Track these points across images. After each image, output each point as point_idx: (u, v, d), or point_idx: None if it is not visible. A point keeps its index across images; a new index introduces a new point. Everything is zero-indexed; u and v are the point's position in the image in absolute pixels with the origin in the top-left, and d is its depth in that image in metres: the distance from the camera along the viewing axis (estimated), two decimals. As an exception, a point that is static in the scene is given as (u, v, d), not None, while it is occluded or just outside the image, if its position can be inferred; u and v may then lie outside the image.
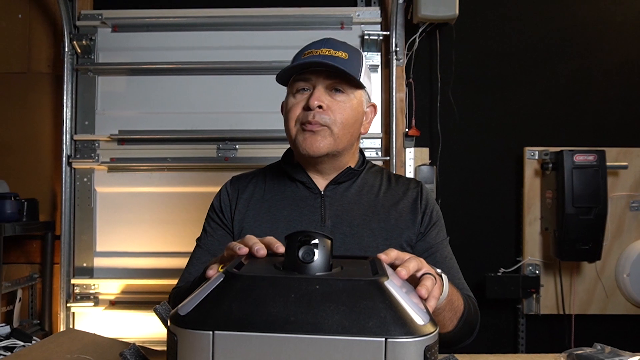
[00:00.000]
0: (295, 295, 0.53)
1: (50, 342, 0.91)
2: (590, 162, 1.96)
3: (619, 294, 2.10)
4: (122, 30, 2.19)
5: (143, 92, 2.18)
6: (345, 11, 2.17)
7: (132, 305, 2.13)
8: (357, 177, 1.12)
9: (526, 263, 2.13)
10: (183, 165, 2.14)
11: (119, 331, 2.09)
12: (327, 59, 1.00)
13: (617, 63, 2.21)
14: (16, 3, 2.24)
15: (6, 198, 1.94)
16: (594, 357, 0.91)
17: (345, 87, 1.04)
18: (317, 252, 0.59)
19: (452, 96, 2.16)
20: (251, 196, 1.11)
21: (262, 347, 0.50)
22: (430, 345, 0.51)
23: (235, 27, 2.18)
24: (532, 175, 2.14)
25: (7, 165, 2.20)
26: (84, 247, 2.16)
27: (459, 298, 0.91)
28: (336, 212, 1.07)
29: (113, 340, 0.95)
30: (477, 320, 1.02)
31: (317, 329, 0.50)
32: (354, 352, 0.49)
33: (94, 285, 2.14)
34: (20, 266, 2.20)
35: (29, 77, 2.24)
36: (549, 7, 2.22)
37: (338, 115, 1.02)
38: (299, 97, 1.04)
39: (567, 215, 1.94)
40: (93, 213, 2.17)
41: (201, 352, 0.50)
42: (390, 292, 0.54)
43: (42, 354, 0.84)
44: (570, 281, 2.10)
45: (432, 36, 2.17)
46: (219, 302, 0.53)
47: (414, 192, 1.12)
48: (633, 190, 2.11)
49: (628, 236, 2.11)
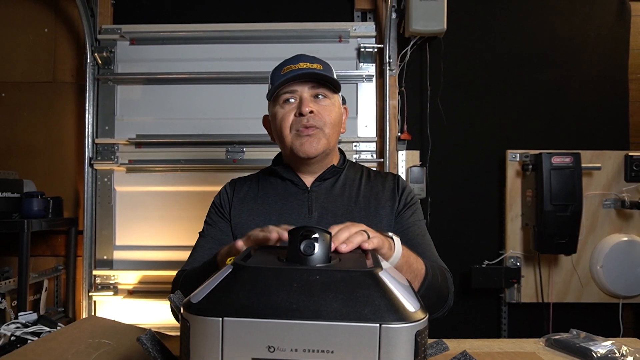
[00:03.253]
0: (297, 285, 0.53)
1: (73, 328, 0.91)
2: (567, 163, 1.96)
3: (593, 284, 2.10)
4: (140, 43, 2.19)
5: (158, 99, 2.18)
6: (342, 26, 2.17)
7: (149, 294, 2.13)
8: (340, 173, 1.14)
9: (508, 256, 2.13)
10: (195, 166, 2.15)
11: (137, 318, 2.10)
12: (305, 71, 1.04)
13: (592, 74, 2.21)
14: (43, 18, 2.24)
15: (33, 196, 1.94)
16: (570, 341, 0.91)
17: (327, 92, 1.07)
18: (317, 246, 0.59)
19: (441, 103, 2.16)
20: (246, 195, 1.14)
21: (267, 332, 0.50)
22: (420, 330, 0.51)
23: (242, 40, 2.18)
24: (513, 175, 2.14)
25: (34, 167, 2.20)
26: (105, 241, 2.16)
27: (418, 261, 0.91)
28: (322, 204, 1.09)
29: (131, 326, 0.95)
30: (449, 290, 1.01)
31: (318, 316, 0.50)
32: (351, 337, 0.49)
33: (114, 276, 2.14)
34: (46, 259, 2.20)
35: (54, 86, 2.24)
36: (529, 23, 2.22)
37: (327, 117, 1.06)
38: (287, 107, 1.06)
39: (545, 212, 1.94)
40: (113, 210, 2.17)
41: (211, 337, 0.50)
42: (384, 282, 0.54)
43: (66, 339, 0.84)
44: (549, 272, 2.10)
45: (422, 49, 2.17)
46: (227, 291, 0.53)
47: (392, 183, 1.14)
48: (606, 190, 2.11)
49: (601, 231, 2.11)
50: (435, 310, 0.99)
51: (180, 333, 0.54)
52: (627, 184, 2.10)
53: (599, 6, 2.22)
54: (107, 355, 0.78)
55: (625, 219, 2.11)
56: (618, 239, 2.07)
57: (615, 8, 2.22)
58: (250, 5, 2.24)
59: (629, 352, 0.87)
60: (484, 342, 0.96)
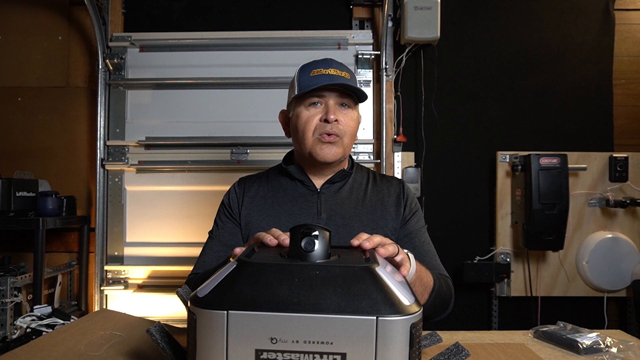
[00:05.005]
0: (298, 280, 0.53)
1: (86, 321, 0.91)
2: (554, 164, 1.95)
3: (579, 279, 2.10)
4: (149, 50, 2.19)
5: (166, 103, 2.18)
6: (341, 34, 2.17)
7: (157, 288, 2.13)
8: (348, 177, 1.12)
9: (498, 252, 2.13)
10: (201, 167, 2.14)
11: (146, 311, 2.09)
12: (336, 78, 1.01)
13: (577, 78, 2.21)
14: (57, 27, 2.24)
15: (48, 195, 1.94)
16: (557, 333, 0.91)
17: (351, 102, 1.06)
18: (317, 243, 0.59)
19: (435, 107, 2.16)
20: (256, 194, 1.11)
21: (270, 325, 0.50)
22: (415, 323, 0.51)
23: (246, 47, 2.18)
24: (503, 175, 2.14)
25: (49, 167, 2.20)
26: (116, 238, 2.16)
27: (428, 275, 0.92)
28: (330, 206, 1.07)
29: (141, 319, 0.95)
30: (451, 297, 1.02)
31: (318, 309, 0.50)
32: (349, 329, 0.49)
33: (124, 271, 2.14)
34: (60, 255, 2.20)
35: (67, 91, 2.24)
36: (518, 31, 2.22)
37: (348, 128, 1.04)
38: (312, 110, 1.04)
39: (534, 211, 1.94)
40: (123, 208, 2.17)
41: (217, 329, 0.50)
42: (381, 277, 0.54)
43: (79, 331, 0.84)
44: (537, 267, 2.10)
45: (417, 55, 2.17)
46: (232, 286, 0.53)
47: (397, 188, 1.13)
48: (591, 189, 2.11)
49: (587, 228, 2.11)
50: (437, 315, 0.99)
51: (187, 325, 0.55)
52: (612, 183, 2.10)
53: (584, 15, 2.22)
54: (118, 346, 0.78)
55: (609, 217, 2.11)
56: (603, 236, 2.07)
57: (600, 17, 2.21)
58: (255, 14, 2.24)
59: (613, 343, 0.87)
60: (475, 333, 0.96)
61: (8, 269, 1.81)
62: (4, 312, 1.64)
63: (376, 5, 2.20)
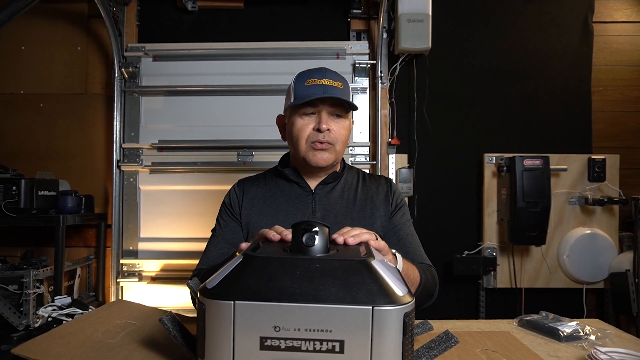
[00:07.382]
0: (300, 272, 0.53)
1: (103, 310, 0.91)
2: (537, 165, 1.96)
3: (560, 272, 2.10)
4: (161, 59, 2.19)
5: (178, 109, 2.18)
6: (340, 44, 2.17)
7: (169, 280, 2.13)
8: (340, 178, 1.13)
9: (485, 247, 2.13)
10: (210, 168, 2.14)
11: (159, 301, 2.09)
12: (329, 89, 1.00)
13: (559, 86, 2.21)
14: (76, 38, 2.24)
15: (68, 194, 1.94)
16: (539, 322, 0.91)
17: (343, 112, 1.05)
18: (317, 238, 0.59)
19: (426, 112, 2.16)
20: (255, 195, 1.11)
21: (273, 314, 0.50)
22: (408, 312, 0.51)
23: (251, 57, 2.18)
24: (490, 176, 2.14)
25: (69, 168, 2.20)
26: (131, 234, 2.16)
27: (414, 271, 0.92)
28: (324, 206, 1.07)
29: (154, 309, 0.95)
30: (436, 286, 1.02)
31: (318, 299, 0.50)
32: (347, 318, 0.49)
33: (139, 265, 2.14)
34: (79, 249, 2.20)
35: (86, 97, 2.24)
36: (504, 42, 2.22)
37: (339, 136, 1.04)
38: (306, 119, 1.04)
39: (518, 209, 1.94)
40: (138, 206, 2.17)
41: (224, 318, 0.50)
42: (376, 270, 0.54)
43: (97, 320, 0.84)
44: (521, 261, 2.10)
45: (410, 64, 2.17)
46: (238, 278, 0.53)
47: (385, 187, 1.14)
48: (571, 188, 2.11)
49: (567, 225, 2.11)
50: (424, 303, 1.00)
51: (197, 314, 0.55)
52: (590, 183, 2.10)
53: (565, 27, 2.22)
54: (133, 334, 0.78)
55: (588, 214, 2.11)
56: (582, 231, 2.07)
57: (580, 29, 2.22)
58: (259, 26, 2.24)
59: (592, 331, 0.87)
60: (464, 322, 0.96)
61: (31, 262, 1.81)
62: (27, 302, 1.64)
63: (372, 18, 2.20)
